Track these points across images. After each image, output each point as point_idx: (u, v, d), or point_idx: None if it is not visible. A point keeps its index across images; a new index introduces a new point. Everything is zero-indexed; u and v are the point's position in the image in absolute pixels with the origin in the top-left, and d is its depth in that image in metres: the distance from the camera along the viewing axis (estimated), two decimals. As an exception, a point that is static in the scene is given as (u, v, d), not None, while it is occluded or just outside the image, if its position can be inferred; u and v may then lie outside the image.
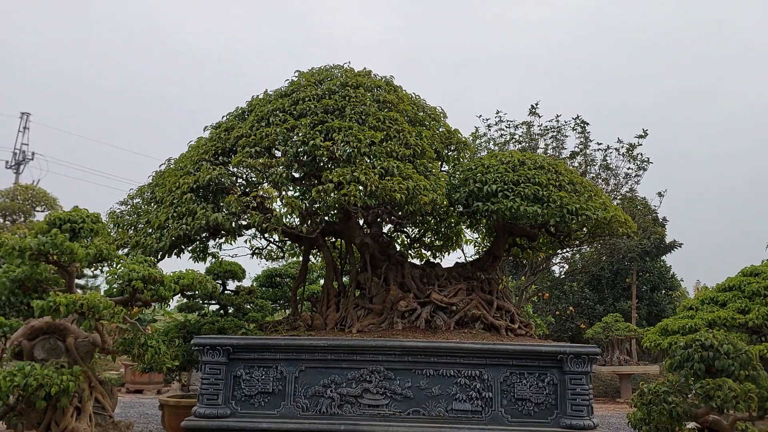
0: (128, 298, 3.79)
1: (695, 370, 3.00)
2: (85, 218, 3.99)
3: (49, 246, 3.58)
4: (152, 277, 3.65)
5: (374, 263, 5.75)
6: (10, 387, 3.12)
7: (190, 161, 5.22)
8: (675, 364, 3.15)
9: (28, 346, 3.65)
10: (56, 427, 3.49)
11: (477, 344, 4.59)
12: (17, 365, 3.27)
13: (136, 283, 3.59)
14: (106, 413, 3.85)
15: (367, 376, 4.58)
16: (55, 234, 3.63)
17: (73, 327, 3.71)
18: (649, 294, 26.55)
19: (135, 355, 3.72)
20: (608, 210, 5.16)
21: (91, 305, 3.33)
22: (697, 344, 3.09)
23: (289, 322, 5.49)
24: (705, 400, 3.10)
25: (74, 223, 3.95)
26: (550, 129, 12.57)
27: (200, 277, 3.93)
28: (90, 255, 3.71)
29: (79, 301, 3.30)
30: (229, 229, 4.78)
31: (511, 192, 4.94)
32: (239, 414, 4.52)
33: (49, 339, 3.68)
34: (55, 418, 3.50)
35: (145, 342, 3.74)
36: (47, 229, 3.86)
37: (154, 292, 3.72)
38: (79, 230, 3.96)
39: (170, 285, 3.75)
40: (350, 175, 4.43)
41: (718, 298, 7.29)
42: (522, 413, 4.45)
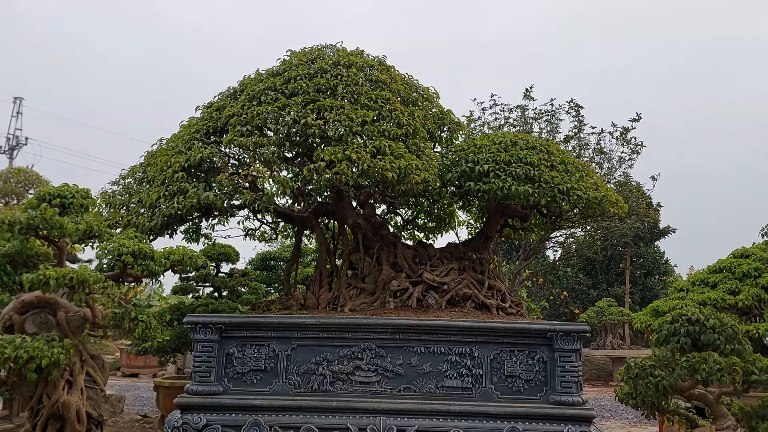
0: (119, 273, 3.79)
1: (682, 345, 3.04)
2: (75, 194, 3.99)
3: (39, 220, 3.58)
4: (142, 252, 3.65)
5: (367, 244, 5.77)
6: (1, 359, 3.14)
7: (182, 141, 5.21)
8: (662, 339, 3.19)
9: (19, 320, 3.66)
10: (47, 400, 3.51)
11: (467, 322, 4.62)
12: (7, 338, 3.28)
13: (126, 257, 3.59)
14: (97, 387, 3.88)
15: (358, 353, 4.61)
16: (44, 208, 3.63)
17: (63, 301, 3.72)
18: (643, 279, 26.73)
19: (126, 329, 3.73)
20: (599, 190, 5.19)
21: (81, 278, 3.34)
22: (683, 319, 3.13)
23: (281, 302, 5.52)
24: (691, 374, 3.14)
25: (64, 199, 3.95)
26: (544, 113, 12.57)
27: (190, 253, 3.93)
28: (80, 230, 3.71)
29: (68, 274, 3.30)
30: (220, 208, 4.78)
31: (503, 172, 4.96)
32: (231, 391, 4.55)
33: (40, 313, 3.69)
34: (47, 392, 3.53)
35: (135, 316, 3.75)
36: (37, 204, 3.85)
37: (145, 267, 3.72)
38: (68, 205, 3.96)
39: (160, 260, 3.76)
40: (342, 154, 4.43)
41: (709, 280, 7.35)
42: (512, 390, 4.50)
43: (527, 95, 12.86)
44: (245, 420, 4.40)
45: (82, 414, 3.57)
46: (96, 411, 3.75)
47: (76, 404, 3.53)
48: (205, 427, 4.38)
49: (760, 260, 7.15)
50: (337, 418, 4.41)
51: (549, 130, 12.61)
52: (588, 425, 4.31)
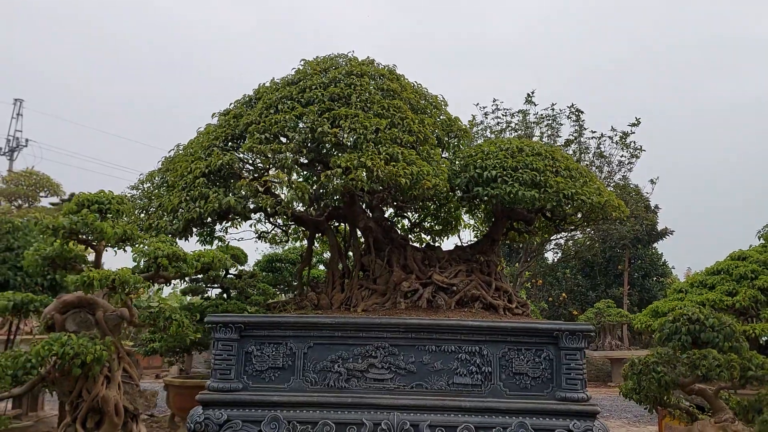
0: (152, 274, 3.98)
1: (683, 342, 3.24)
2: (111, 200, 4.18)
3: (81, 225, 3.77)
4: (176, 255, 3.85)
5: (377, 246, 5.97)
6: (48, 355, 3.33)
7: (201, 147, 5.40)
8: (663, 337, 3.39)
9: (59, 320, 3.85)
10: (87, 394, 3.70)
11: (477, 322, 4.83)
12: (53, 336, 3.48)
13: (162, 260, 3.79)
14: (133, 382, 4.07)
15: (372, 351, 4.81)
16: (86, 214, 3.82)
17: (102, 301, 3.91)
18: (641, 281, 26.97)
19: (160, 327, 3.92)
20: (602, 195, 5.40)
21: (123, 280, 3.54)
22: (684, 318, 3.33)
23: (296, 302, 5.71)
24: (692, 369, 3.35)
25: (101, 204, 4.14)
26: (545, 117, 12.80)
27: (219, 255, 4.13)
28: (117, 234, 3.90)
29: (111, 276, 3.50)
30: (240, 212, 4.98)
31: (510, 177, 5.16)
32: (251, 388, 4.74)
33: (80, 312, 3.88)
34: (86, 387, 3.71)
35: (169, 315, 3.95)
36: (76, 209, 4.05)
37: (178, 269, 3.91)
38: (106, 211, 4.15)
39: (192, 262, 3.96)
40: (357, 161, 4.63)
41: (707, 281, 7.58)
42: (519, 386, 4.70)
43: (529, 100, 13.10)
44: (264, 415, 4.59)
45: (119, 408, 3.76)
46: (132, 405, 3.93)
47: (114, 398, 3.72)
48: (226, 423, 4.57)
49: (756, 262, 7.39)
50: (353, 413, 4.61)
51: (550, 135, 12.85)
52: (592, 420, 4.51)
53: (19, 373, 3.33)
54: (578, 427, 4.46)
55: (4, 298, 3.81)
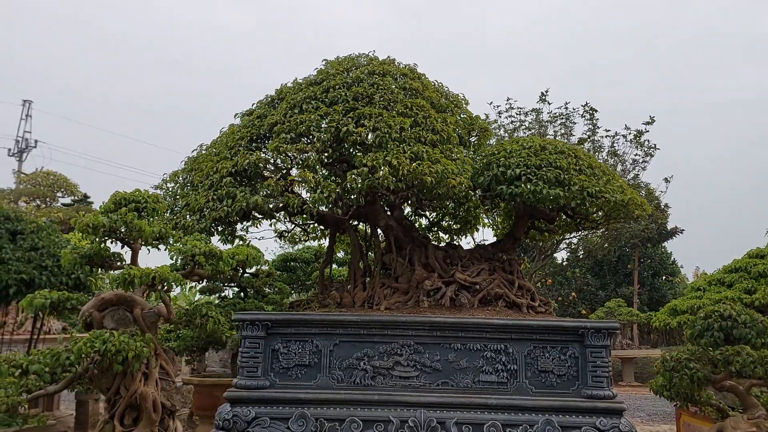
0: (189, 272, 4.02)
1: (715, 339, 3.25)
2: (147, 199, 4.23)
3: (120, 223, 3.82)
4: (213, 253, 3.89)
5: (399, 245, 6.00)
6: (90, 352, 3.37)
7: (225, 147, 5.45)
8: (695, 334, 3.40)
9: (98, 317, 3.90)
10: (125, 391, 3.74)
11: (502, 320, 4.85)
12: (94, 333, 3.52)
13: (199, 258, 3.83)
14: (169, 378, 4.11)
15: (398, 349, 4.84)
16: (124, 212, 3.87)
17: (139, 298, 3.95)
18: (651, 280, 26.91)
19: (197, 325, 3.96)
20: (625, 193, 5.41)
21: (163, 277, 3.58)
22: (716, 315, 3.34)
23: (319, 300, 5.75)
24: (724, 366, 3.36)
25: (138, 203, 4.19)
26: (558, 116, 12.79)
27: (253, 252, 4.16)
28: (154, 233, 3.95)
29: (151, 273, 3.54)
30: (266, 211, 5.02)
31: (534, 176, 5.18)
32: (278, 385, 4.78)
33: (118, 310, 3.92)
34: (124, 383, 3.76)
35: (206, 313, 3.99)
36: (114, 208, 4.10)
37: (214, 267, 3.95)
38: (142, 209, 4.20)
39: (228, 260, 3.99)
40: (383, 160, 4.67)
41: (724, 279, 7.57)
42: (545, 384, 4.72)
43: (542, 99, 13.09)
44: (292, 413, 4.63)
45: (157, 404, 3.80)
46: (169, 401, 3.98)
47: (152, 394, 3.76)
48: (253, 420, 4.62)
49: (775, 260, 7.38)
50: (380, 410, 4.64)
51: (563, 133, 12.85)
52: (619, 418, 4.53)
53: (58, 370, 3.38)
54: (605, 425, 4.48)
55: (41, 296, 3.85)
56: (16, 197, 13.52)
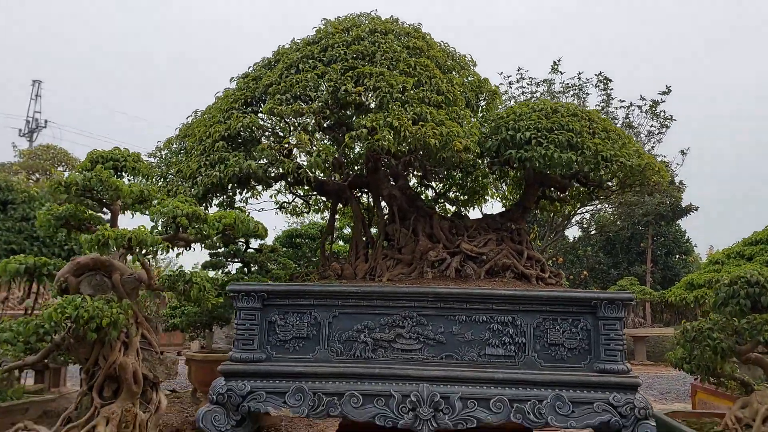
0: (172, 236, 3.79)
1: (741, 307, 2.98)
2: (127, 157, 3.98)
3: (95, 182, 3.58)
4: (196, 215, 3.64)
5: (402, 215, 5.75)
6: (61, 319, 3.16)
7: (219, 111, 5.19)
8: (719, 302, 3.13)
9: (74, 283, 3.69)
10: (104, 361, 3.55)
11: (510, 290, 4.59)
12: (66, 299, 3.31)
13: (181, 219, 3.57)
14: (152, 349, 3.91)
15: (399, 321, 4.61)
16: (100, 170, 3.62)
17: (118, 263, 3.74)
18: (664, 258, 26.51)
19: (180, 291, 3.74)
20: (642, 157, 5.10)
21: (140, 239, 3.34)
22: (742, 281, 3.07)
23: (319, 272, 5.53)
24: (751, 336, 3.09)
25: (116, 162, 3.94)
26: (571, 87, 12.37)
27: (242, 216, 3.91)
28: (134, 193, 3.71)
29: (127, 235, 3.31)
30: (261, 178, 4.77)
31: (545, 139, 4.88)
32: (274, 358, 4.58)
33: (95, 275, 3.71)
34: (103, 353, 3.56)
35: (190, 279, 3.76)
36: (90, 166, 3.85)
37: (198, 231, 3.71)
38: (121, 168, 3.96)
39: (213, 223, 3.74)
40: (383, 121, 4.38)
41: (744, 252, 7.25)
42: (555, 358, 4.48)
43: (555, 69, 12.65)
44: (289, 387, 4.43)
45: (138, 375, 3.60)
46: (152, 372, 3.78)
47: (133, 365, 3.56)
48: (249, 394, 4.42)
49: (798, 232, 7.04)
50: (380, 384, 4.42)
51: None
52: (634, 393, 4.28)
53: (32, 339, 3.17)
54: (618, 401, 4.24)
55: (15, 261, 3.64)
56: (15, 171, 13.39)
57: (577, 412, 4.27)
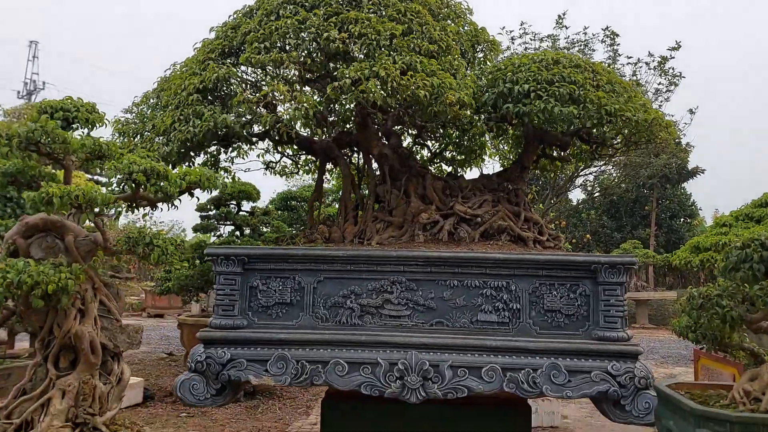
0: (131, 195, 3.50)
1: (754, 272, 2.71)
2: (80, 107, 3.66)
3: (39, 133, 3.27)
4: (155, 171, 3.34)
5: (394, 175, 5.45)
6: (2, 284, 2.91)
7: (196, 62, 4.85)
8: (730, 266, 2.86)
9: (23, 245, 3.42)
10: (59, 330, 3.32)
11: (504, 254, 4.33)
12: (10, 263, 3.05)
13: (138, 175, 3.28)
14: (112, 317, 3.68)
15: (388, 286, 4.36)
16: (45, 120, 3.32)
17: (71, 224, 3.47)
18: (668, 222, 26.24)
19: (140, 254, 3.49)
20: (649, 112, 4.75)
21: (88, 197, 3.06)
22: (756, 244, 2.79)
23: (305, 236, 5.27)
24: (764, 303, 2.83)
25: (67, 112, 3.62)
26: (576, 42, 11.85)
27: (208, 173, 3.61)
28: (86, 146, 3.40)
29: (74, 192, 3.03)
30: (239, 135, 4.47)
31: (545, 92, 4.53)
32: (256, 325, 4.36)
33: (47, 237, 3.44)
34: (58, 321, 3.33)
35: (150, 241, 3.50)
36: (37, 117, 3.54)
37: (158, 188, 3.41)
38: (73, 119, 3.64)
39: (175, 180, 3.45)
40: (369, 71, 4.04)
41: (753, 214, 6.93)
42: (551, 325, 4.24)
43: (559, 23, 12.10)
44: (271, 354, 4.22)
45: (96, 345, 3.37)
46: (112, 342, 3.56)
47: (90, 334, 3.33)
48: (229, 362, 4.21)
49: (812, 193, 6.70)
50: (367, 352, 4.20)
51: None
52: (634, 361, 4.05)
53: (-16, 305, 2.96)
54: (618, 369, 4.01)
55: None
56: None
57: (574, 382, 4.05)
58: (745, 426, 2.48)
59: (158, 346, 13.01)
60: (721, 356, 3.11)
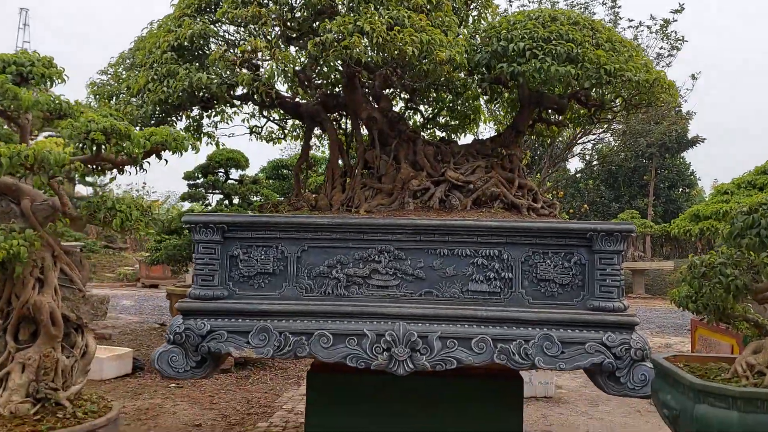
0: (92, 157, 3.27)
1: (761, 239, 2.53)
2: (35, 62, 3.40)
3: None
4: (116, 130, 3.10)
5: (383, 140, 5.22)
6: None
7: (173, 19, 4.57)
8: (735, 232, 2.68)
9: (-25, 210, 3.22)
10: (17, 300, 3.14)
11: (496, 221, 4.14)
12: (-44, 229, 2.85)
13: (96, 134, 3.04)
14: (74, 286, 3.50)
15: (375, 256, 4.18)
16: None
17: (27, 188, 3.25)
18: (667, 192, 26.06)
19: (101, 220, 3.28)
20: (651, 72, 4.51)
21: (40, 158, 2.83)
22: (764, 208, 2.60)
23: (291, 203, 5.06)
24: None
25: (21, 67, 3.36)
26: (576, 5, 11.48)
27: (176, 134, 3.37)
28: (41, 103, 3.16)
29: (23, 152, 2.80)
30: (218, 96, 4.22)
31: (541, 50, 4.27)
32: (237, 295, 4.19)
33: (1, 202, 3.24)
34: (15, 291, 3.15)
35: (113, 206, 3.28)
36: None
37: (120, 149, 3.18)
38: (28, 75, 3.39)
39: (139, 140, 3.22)
40: (353, 25, 3.78)
41: (756, 182, 6.73)
42: (545, 295, 4.07)
43: (559, -16, 11.73)
44: (253, 326, 4.05)
45: (57, 316, 3.19)
46: (74, 313, 3.39)
47: (50, 305, 3.14)
48: (209, 333, 4.05)
49: (817, 160, 6.48)
50: (353, 323, 4.04)
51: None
52: (630, 333, 3.90)
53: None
54: (613, 341, 3.86)
55: None
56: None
57: (567, 353, 3.90)
58: (748, 401, 2.33)
59: (151, 316, 12.91)
60: (719, 327, 2.95)
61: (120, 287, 20.06)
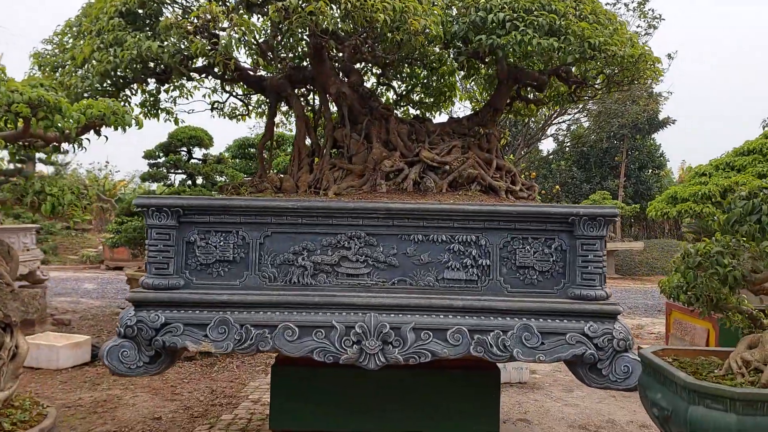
0: (19, 133, 2.89)
1: (762, 225, 2.33)
2: None
3: None
4: (44, 102, 2.71)
5: (353, 118, 4.90)
6: None
7: (121, -18, 4.14)
8: (734, 219, 2.47)
9: None
10: (-68, 298, 2.79)
11: (473, 206, 3.88)
12: None
13: (20, 107, 2.66)
14: (2, 281, 3.14)
15: (345, 242, 3.89)
16: None
17: None
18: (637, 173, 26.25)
19: (28, 205, 2.92)
20: (636, 47, 4.27)
21: None
22: (765, 193, 2.40)
23: (254, 184, 4.72)
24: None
25: None
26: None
27: (115, 107, 3.00)
28: None
29: None
30: (171, 67, 3.83)
31: (522, 22, 3.99)
32: (194, 285, 3.87)
33: None
34: (-69, 287, 2.80)
35: (42, 189, 2.92)
36: None
37: (49, 123, 2.80)
38: None
39: (72, 114, 2.84)
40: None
41: (734, 163, 6.62)
42: (524, 282, 3.85)
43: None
44: (211, 318, 3.74)
45: (-21, 314, 2.86)
46: (1, 311, 3.04)
47: (-29, 303, 2.81)
48: (163, 326, 3.73)
49: (794, 141, 6.39)
50: (321, 314, 3.76)
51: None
52: (612, 322, 3.72)
53: None
54: (595, 331, 3.67)
55: None
56: None
57: (547, 344, 3.70)
58: (748, 404, 2.14)
59: (114, 300, 12.43)
60: (725, 319, 2.79)
61: (83, 270, 19.40)
